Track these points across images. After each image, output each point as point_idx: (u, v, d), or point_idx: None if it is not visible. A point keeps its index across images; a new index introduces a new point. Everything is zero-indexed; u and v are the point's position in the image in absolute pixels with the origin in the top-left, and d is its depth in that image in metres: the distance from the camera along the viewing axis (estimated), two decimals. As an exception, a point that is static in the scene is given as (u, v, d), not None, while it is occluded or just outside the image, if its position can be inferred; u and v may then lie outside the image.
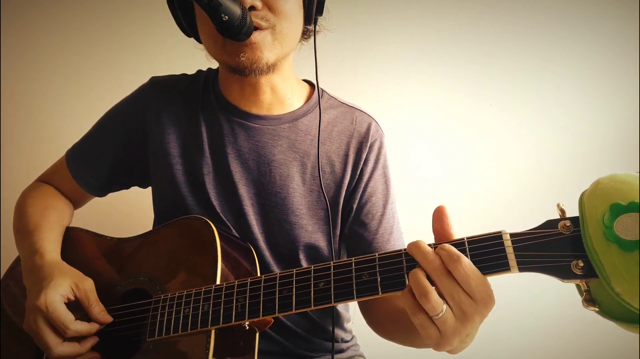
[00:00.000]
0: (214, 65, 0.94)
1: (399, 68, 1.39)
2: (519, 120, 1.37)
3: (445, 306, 0.53)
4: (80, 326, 0.72)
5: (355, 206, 0.88)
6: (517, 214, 1.36)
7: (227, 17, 0.68)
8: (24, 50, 1.44)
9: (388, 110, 1.38)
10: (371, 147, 0.90)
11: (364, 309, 0.89)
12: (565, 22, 1.34)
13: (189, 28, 0.83)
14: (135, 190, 1.03)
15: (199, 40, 0.85)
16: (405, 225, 0.96)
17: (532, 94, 1.36)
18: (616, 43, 1.33)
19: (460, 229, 0.58)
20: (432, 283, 0.54)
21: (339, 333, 0.96)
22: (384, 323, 0.85)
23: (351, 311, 1.04)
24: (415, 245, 0.56)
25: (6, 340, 0.84)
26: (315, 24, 0.84)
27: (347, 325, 1.01)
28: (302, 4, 0.81)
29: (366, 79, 1.40)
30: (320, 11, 0.83)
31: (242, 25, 0.71)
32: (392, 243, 0.89)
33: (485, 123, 1.38)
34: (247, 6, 0.72)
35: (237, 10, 0.69)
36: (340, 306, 0.96)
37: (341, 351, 0.95)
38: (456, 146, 1.39)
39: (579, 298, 0.54)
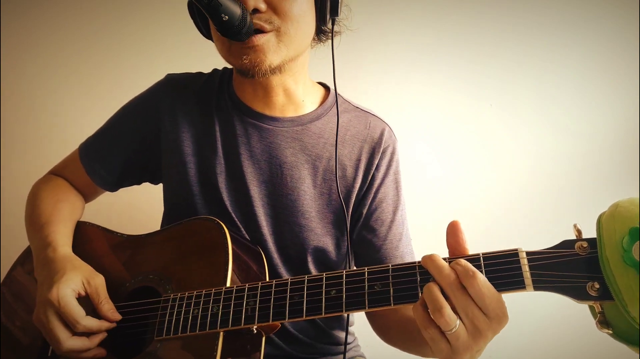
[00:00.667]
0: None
1: (399, 68, 1.39)
2: (519, 120, 1.37)
3: (458, 322, 0.52)
4: (90, 322, 0.72)
5: (365, 211, 0.88)
6: (517, 214, 1.36)
7: (227, 17, 0.68)
8: (24, 50, 1.44)
9: (388, 110, 1.37)
10: (384, 152, 0.90)
11: (371, 315, 0.89)
12: (565, 22, 1.34)
13: (206, 31, 0.83)
14: (144, 186, 1.03)
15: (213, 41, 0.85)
16: (406, 225, 0.96)
17: (532, 94, 1.36)
18: (616, 43, 1.33)
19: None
20: (446, 297, 0.53)
21: (342, 335, 0.96)
22: (392, 331, 0.84)
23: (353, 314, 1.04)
24: (430, 258, 0.56)
25: (5, 343, 0.84)
26: (333, 24, 0.82)
27: (350, 328, 1.01)
28: (313, 5, 0.80)
29: (366, 79, 1.40)
30: (335, 12, 0.81)
31: (242, 25, 0.70)
32: (401, 250, 0.89)
33: (485, 123, 1.38)
34: (250, 9, 0.72)
35: (237, 10, 0.69)
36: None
37: (342, 351, 0.95)
38: (456, 146, 1.39)
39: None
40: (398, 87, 1.39)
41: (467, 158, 1.38)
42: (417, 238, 0.93)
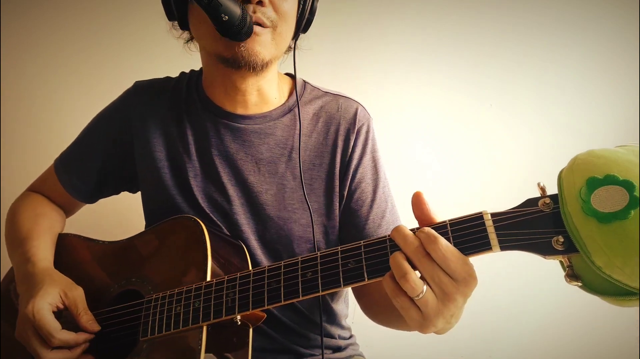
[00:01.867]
0: (195, 62, 0.94)
1: (399, 69, 1.39)
2: (519, 120, 1.37)
3: (425, 287, 0.53)
4: (66, 336, 0.72)
5: (345, 193, 0.88)
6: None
7: (227, 17, 0.69)
8: (24, 50, 1.44)
9: (388, 110, 1.38)
10: (358, 132, 0.90)
11: (358, 296, 0.90)
12: (565, 22, 1.34)
13: (177, 12, 0.80)
14: (126, 194, 1.03)
15: (181, 27, 0.84)
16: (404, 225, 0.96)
17: (532, 94, 1.36)
18: (616, 43, 1.33)
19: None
20: (414, 266, 0.54)
21: (335, 329, 0.96)
22: (376, 308, 0.85)
23: (351, 309, 1.04)
24: (396, 229, 0.57)
25: (6, 346, 0.84)
26: (296, 40, 0.86)
27: (346, 322, 1.01)
28: (295, 16, 0.82)
29: (366, 79, 1.40)
30: (305, 30, 0.85)
31: (242, 25, 0.71)
32: (384, 227, 0.89)
33: (485, 123, 1.38)
34: (255, 1, 0.73)
35: (237, 10, 0.70)
36: (339, 303, 0.96)
37: (339, 349, 0.95)
38: (456, 146, 1.39)
39: (579, 298, 0.54)
40: (398, 87, 1.39)
41: (467, 158, 1.38)
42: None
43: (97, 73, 1.44)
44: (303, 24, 0.83)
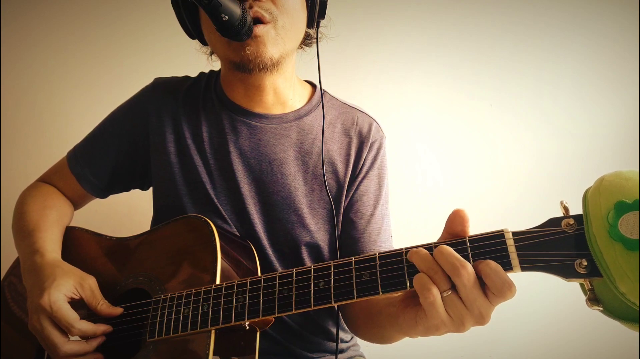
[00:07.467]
0: (215, 67, 0.95)
1: (398, 69, 1.39)
2: (519, 120, 1.37)
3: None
4: (85, 326, 0.72)
5: (347, 202, 0.89)
6: (517, 214, 1.36)
7: (227, 17, 0.69)
8: (24, 50, 1.44)
9: (387, 111, 1.38)
10: (371, 147, 0.91)
11: (341, 308, 0.89)
12: (565, 22, 1.34)
13: (192, 29, 0.83)
14: (138, 192, 1.03)
15: (203, 42, 0.86)
16: (405, 225, 0.96)
17: (532, 94, 1.36)
18: (616, 43, 1.33)
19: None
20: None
21: (340, 332, 0.96)
22: (359, 320, 0.85)
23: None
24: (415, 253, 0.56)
25: (7, 336, 0.84)
26: (317, 27, 0.85)
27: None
28: (304, 5, 0.82)
29: (366, 79, 1.40)
30: (322, 14, 0.84)
31: (242, 25, 0.71)
32: (379, 244, 0.90)
33: (485, 123, 1.38)
34: None
35: (237, 10, 0.70)
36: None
37: (341, 351, 0.95)
38: (456, 146, 1.39)
39: (579, 298, 0.54)
40: (397, 87, 1.39)
41: (467, 158, 1.38)
42: (416, 238, 0.93)
43: (97, 73, 1.44)
44: (317, 10, 0.82)
